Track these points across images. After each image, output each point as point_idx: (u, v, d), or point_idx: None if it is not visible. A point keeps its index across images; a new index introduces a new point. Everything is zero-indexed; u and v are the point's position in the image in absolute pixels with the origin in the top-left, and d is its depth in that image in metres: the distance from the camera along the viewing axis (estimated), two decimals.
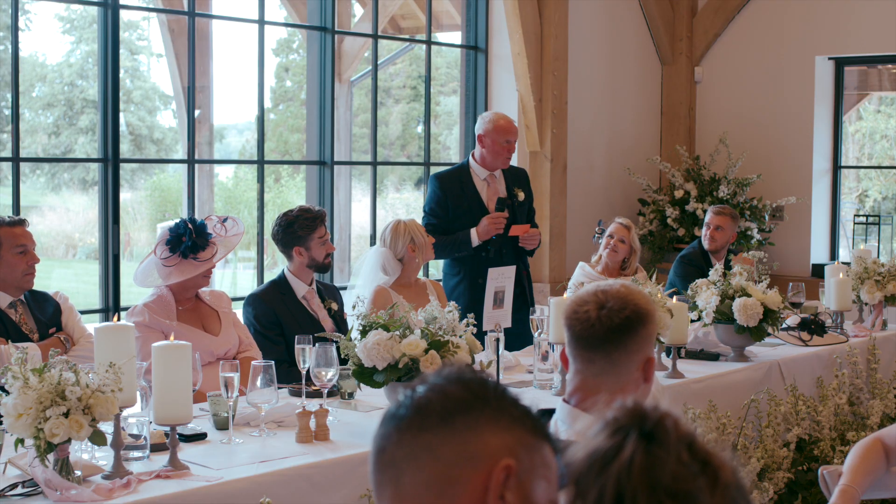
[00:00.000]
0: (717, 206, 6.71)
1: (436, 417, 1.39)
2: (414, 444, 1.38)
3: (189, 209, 6.45)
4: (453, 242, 5.77)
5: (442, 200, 5.84)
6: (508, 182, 5.93)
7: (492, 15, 7.80)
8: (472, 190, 5.85)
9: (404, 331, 3.46)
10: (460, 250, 5.77)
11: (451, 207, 5.83)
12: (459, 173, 5.91)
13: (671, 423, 1.29)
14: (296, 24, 9.31)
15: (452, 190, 5.85)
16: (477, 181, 5.88)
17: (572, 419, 2.39)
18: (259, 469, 3.09)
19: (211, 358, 4.16)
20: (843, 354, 5.24)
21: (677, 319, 4.46)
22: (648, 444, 1.27)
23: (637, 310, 2.41)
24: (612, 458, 1.27)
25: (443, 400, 1.40)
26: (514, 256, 5.85)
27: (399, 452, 1.39)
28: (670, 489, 1.24)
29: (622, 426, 1.30)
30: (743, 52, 8.88)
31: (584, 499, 1.27)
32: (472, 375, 1.44)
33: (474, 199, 5.84)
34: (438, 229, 5.77)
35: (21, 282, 4.10)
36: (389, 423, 1.41)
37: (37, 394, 2.73)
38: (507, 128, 5.82)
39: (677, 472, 1.25)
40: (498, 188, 5.91)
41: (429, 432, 1.38)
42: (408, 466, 1.38)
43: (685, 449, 1.27)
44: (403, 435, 1.39)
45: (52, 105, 13.64)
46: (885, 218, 9.03)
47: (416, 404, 1.40)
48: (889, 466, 3.25)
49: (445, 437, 1.38)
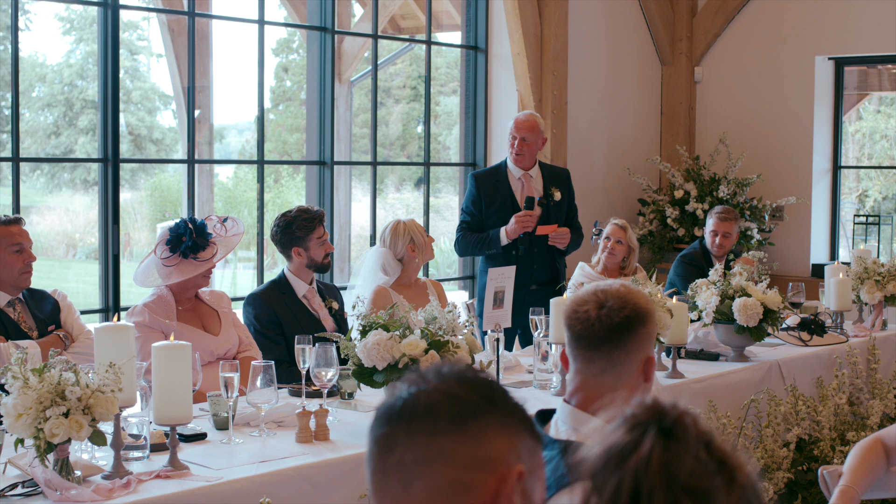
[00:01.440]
0: (721, 212, 6.56)
1: (447, 421, 1.38)
2: (427, 449, 1.38)
3: (189, 209, 6.45)
4: (484, 240, 5.85)
5: (476, 199, 5.93)
6: (546, 181, 5.96)
7: (492, 15, 7.80)
8: (507, 188, 5.91)
9: (404, 331, 3.46)
10: (490, 248, 5.84)
11: (485, 205, 5.91)
12: (496, 172, 6.01)
13: (690, 421, 1.30)
14: (296, 24, 9.31)
15: (487, 188, 5.93)
16: (512, 180, 5.94)
17: (573, 419, 2.39)
18: (259, 469, 3.09)
19: (211, 358, 4.16)
20: (843, 354, 5.24)
21: (677, 319, 4.46)
22: (667, 441, 1.27)
23: (637, 309, 2.41)
24: (630, 452, 1.27)
25: (453, 403, 1.40)
26: (546, 256, 5.88)
27: (409, 455, 1.38)
28: (687, 485, 1.24)
29: (641, 422, 1.30)
30: (743, 52, 8.88)
31: (600, 493, 1.27)
32: (474, 376, 1.44)
33: (508, 198, 5.89)
34: (473, 227, 5.90)
35: (18, 280, 4.10)
36: (396, 423, 1.40)
37: (37, 394, 2.73)
38: (516, 124, 5.92)
39: (695, 469, 1.25)
40: (533, 187, 5.94)
41: (442, 436, 1.38)
42: (419, 471, 1.38)
43: (703, 447, 1.28)
44: (415, 438, 1.38)
45: (51, 105, 13.64)
46: (885, 218, 9.03)
47: (424, 406, 1.40)
48: (889, 467, 3.24)
49: (459, 441, 1.38)
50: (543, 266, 5.91)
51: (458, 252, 6.08)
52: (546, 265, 5.92)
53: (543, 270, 5.91)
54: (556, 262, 5.98)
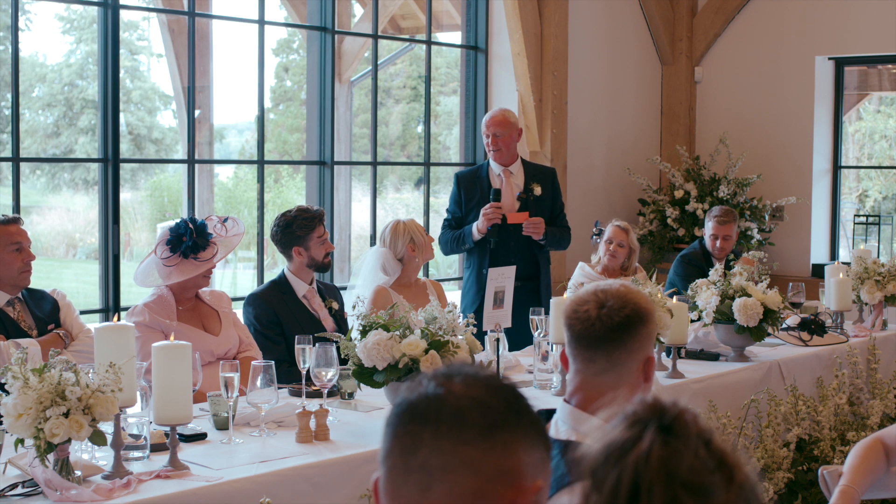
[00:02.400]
0: (719, 215, 6.52)
1: (476, 431, 1.38)
2: (453, 456, 1.37)
3: (189, 209, 6.45)
4: (458, 237, 5.93)
5: (457, 197, 5.99)
6: (528, 177, 5.96)
7: (492, 15, 7.80)
8: (487, 186, 5.93)
9: (404, 331, 3.46)
10: (464, 244, 5.90)
11: (465, 203, 5.96)
12: (478, 171, 6.05)
13: (690, 419, 1.30)
14: (296, 24, 9.31)
15: (467, 186, 5.98)
16: (492, 176, 5.97)
17: (573, 419, 2.39)
18: (259, 469, 3.09)
19: (211, 358, 4.16)
20: (843, 354, 5.24)
21: (677, 319, 4.46)
22: (667, 437, 1.28)
23: (637, 308, 2.41)
24: (630, 448, 1.27)
25: (483, 411, 1.39)
26: (525, 250, 5.85)
27: (434, 460, 1.37)
28: (686, 482, 1.25)
29: (641, 419, 1.30)
30: (743, 52, 8.88)
31: (599, 489, 1.27)
32: (501, 384, 1.44)
33: (486, 194, 5.90)
34: (454, 225, 5.98)
35: (17, 280, 4.10)
36: (421, 424, 1.39)
37: (37, 394, 2.73)
38: (486, 122, 5.95)
39: (694, 465, 1.26)
40: (514, 183, 5.94)
41: (469, 446, 1.37)
42: (442, 476, 1.37)
43: (703, 445, 1.28)
44: (442, 443, 1.38)
45: (51, 105, 13.63)
46: (885, 218, 9.03)
47: (453, 411, 1.39)
48: (889, 466, 3.24)
49: (486, 452, 1.38)
50: (522, 260, 5.76)
51: (442, 250, 6.10)
52: (525, 260, 5.83)
53: (522, 266, 5.75)
54: (536, 257, 5.94)
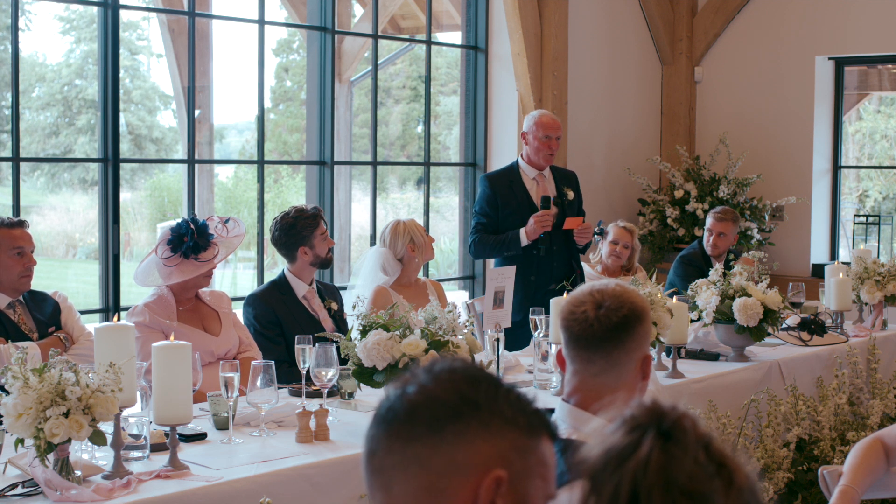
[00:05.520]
0: (718, 211, 6.59)
1: (424, 426, 1.38)
2: (403, 454, 1.39)
3: (189, 209, 6.45)
4: (503, 242, 5.81)
5: (492, 199, 5.88)
6: (558, 182, 5.96)
7: (492, 15, 7.80)
8: (522, 189, 5.89)
9: (404, 331, 3.46)
10: (510, 250, 5.79)
11: (501, 206, 5.87)
12: (509, 173, 5.98)
13: (689, 424, 1.30)
14: (296, 25, 9.31)
15: (502, 189, 5.90)
16: (526, 180, 5.93)
17: (573, 418, 2.39)
18: (259, 469, 3.09)
19: (211, 358, 4.16)
20: (843, 354, 5.24)
21: (677, 319, 4.46)
22: (666, 443, 1.27)
23: (634, 308, 2.41)
24: (629, 455, 1.27)
25: (432, 406, 1.39)
26: (566, 254, 5.87)
27: (388, 460, 1.40)
28: (685, 488, 1.24)
29: (640, 424, 1.30)
30: (743, 52, 8.88)
31: (599, 495, 1.27)
32: (463, 373, 1.43)
33: (524, 198, 5.87)
34: (489, 229, 5.85)
35: (17, 284, 4.09)
36: (379, 426, 1.42)
37: (37, 394, 2.73)
38: (548, 124, 5.88)
39: (693, 471, 1.25)
40: (547, 187, 5.93)
41: (418, 442, 1.38)
42: (397, 475, 1.39)
43: (702, 450, 1.27)
44: (393, 443, 1.39)
45: (51, 105, 13.63)
46: (885, 218, 9.03)
47: (405, 409, 1.40)
48: (889, 466, 3.25)
49: (435, 447, 1.38)
50: (562, 265, 5.88)
51: (473, 255, 6.03)
52: (564, 264, 5.90)
53: (562, 269, 5.86)
54: (573, 261, 5.98)
